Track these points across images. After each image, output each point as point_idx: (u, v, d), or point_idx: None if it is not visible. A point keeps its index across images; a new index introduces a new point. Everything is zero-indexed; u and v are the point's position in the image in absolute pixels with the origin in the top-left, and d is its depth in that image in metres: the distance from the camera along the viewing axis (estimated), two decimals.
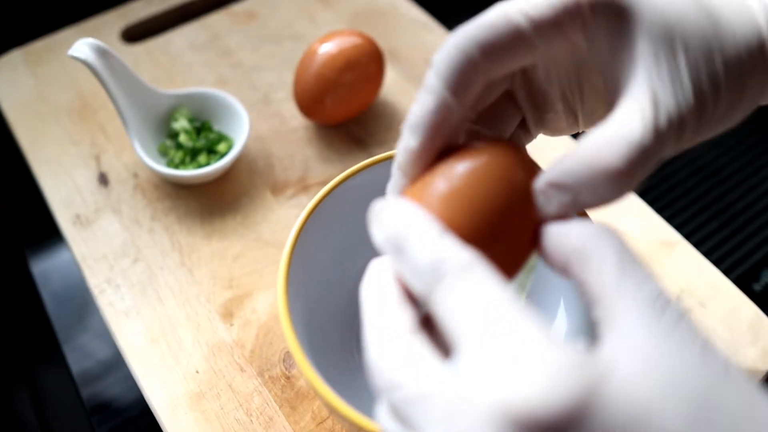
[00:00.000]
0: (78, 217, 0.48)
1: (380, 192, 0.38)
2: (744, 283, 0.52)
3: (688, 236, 0.54)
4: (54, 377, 0.52)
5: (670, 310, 0.20)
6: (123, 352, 0.42)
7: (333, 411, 0.31)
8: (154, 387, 0.40)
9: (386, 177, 0.37)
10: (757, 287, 0.53)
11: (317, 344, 0.37)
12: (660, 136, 0.24)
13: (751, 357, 0.42)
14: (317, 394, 0.31)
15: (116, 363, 0.47)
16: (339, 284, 0.40)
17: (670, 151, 0.25)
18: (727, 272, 0.53)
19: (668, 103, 0.24)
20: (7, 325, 0.55)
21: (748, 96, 0.26)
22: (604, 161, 0.23)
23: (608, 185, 0.23)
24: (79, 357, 0.48)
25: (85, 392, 0.46)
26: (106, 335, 0.46)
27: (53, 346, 0.49)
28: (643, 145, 0.23)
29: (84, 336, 0.49)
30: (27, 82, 0.56)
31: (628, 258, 0.21)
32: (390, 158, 0.37)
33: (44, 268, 0.51)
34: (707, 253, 0.53)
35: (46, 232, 0.51)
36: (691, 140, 0.26)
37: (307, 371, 0.31)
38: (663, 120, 0.24)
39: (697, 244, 0.53)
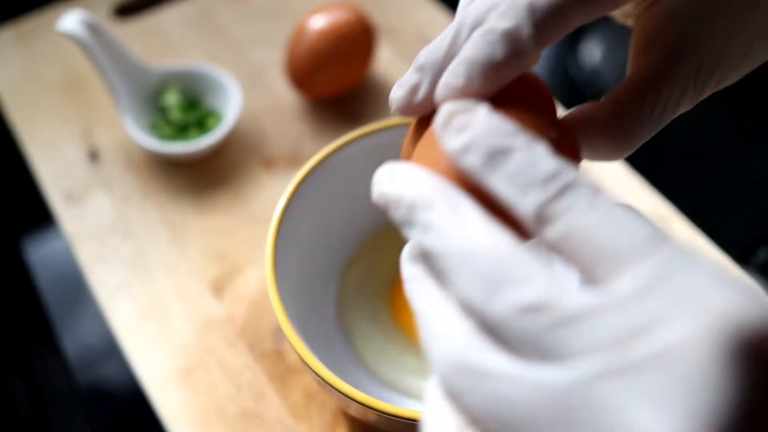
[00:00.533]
0: (68, 194, 0.48)
1: (367, 163, 0.38)
2: (741, 261, 0.52)
3: (685, 213, 0.53)
4: (49, 363, 0.52)
5: None
6: (113, 329, 0.42)
7: (324, 384, 0.31)
8: (144, 363, 0.40)
9: (373, 149, 0.37)
10: (755, 263, 0.52)
11: (307, 318, 0.37)
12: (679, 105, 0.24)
13: None
14: (308, 368, 0.31)
15: (111, 348, 0.47)
16: (328, 256, 0.40)
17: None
18: (724, 249, 0.52)
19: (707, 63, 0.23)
20: (2, 311, 0.55)
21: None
22: (614, 140, 0.23)
23: (617, 154, 0.24)
24: (73, 343, 0.47)
25: (80, 378, 0.46)
26: (101, 321, 0.46)
27: (48, 332, 0.49)
28: (653, 122, 0.23)
29: (79, 322, 0.49)
30: (17, 60, 0.56)
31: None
32: (375, 131, 0.37)
33: (39, 254, 0.51)
34: (704, 231, 0.53)
35: (41, 219, 0.51)
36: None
37: (297, 345, 0.31)
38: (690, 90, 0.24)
39: (695, 221, 0.53)
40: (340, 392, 0.30)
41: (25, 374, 0.52)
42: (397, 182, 0.20)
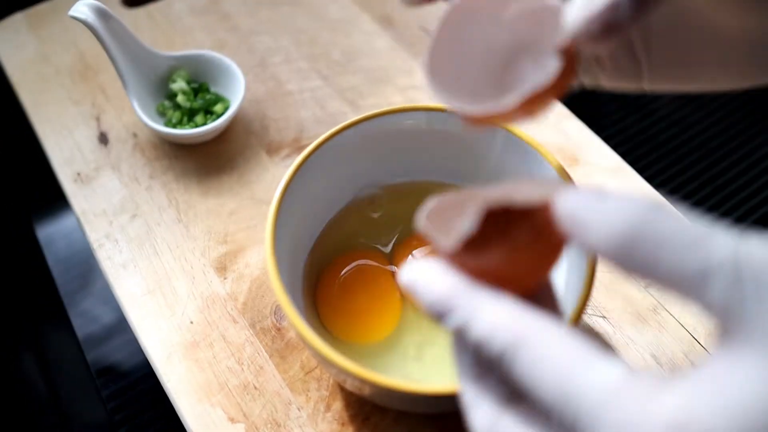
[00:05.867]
0: (78, 174, 0.49)
1: (364, 148, 0.39)
2: None
3: (675, 202, 0.55)
4: (60, 341, 0.54)
5: None
6: (120, 303, 0.44)
7: (321, 359, 0.32)
8: (150, 336, 0.42)
9: (370, 134, 0.39)
10: None
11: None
12: None
13: None
14: (306, 344, 0.33)
15: (120, 327, 0.49)
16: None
17: None
18: None
19: None
20: (15, 289, 0.56)
21: None
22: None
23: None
24: (84, 322, 0.49)
25: (91, 356, 0.48)
26: (110, 301, 0.48)
27: (59, 310, 0.51)
28: None
29: (89, 301, 0.51)
30: (30, 44, 0.57)
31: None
32: (368, 118, 0.38)
33: (50, 234, 0.53)
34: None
35: (52, 199, 0.53)
36: None
37: (296, 322, 0.32)
38: None
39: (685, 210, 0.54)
40: (338, 367, 0.31)
41: (36, 350, 0.54)
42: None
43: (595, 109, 0.62)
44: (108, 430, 0.46)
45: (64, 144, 0.51)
